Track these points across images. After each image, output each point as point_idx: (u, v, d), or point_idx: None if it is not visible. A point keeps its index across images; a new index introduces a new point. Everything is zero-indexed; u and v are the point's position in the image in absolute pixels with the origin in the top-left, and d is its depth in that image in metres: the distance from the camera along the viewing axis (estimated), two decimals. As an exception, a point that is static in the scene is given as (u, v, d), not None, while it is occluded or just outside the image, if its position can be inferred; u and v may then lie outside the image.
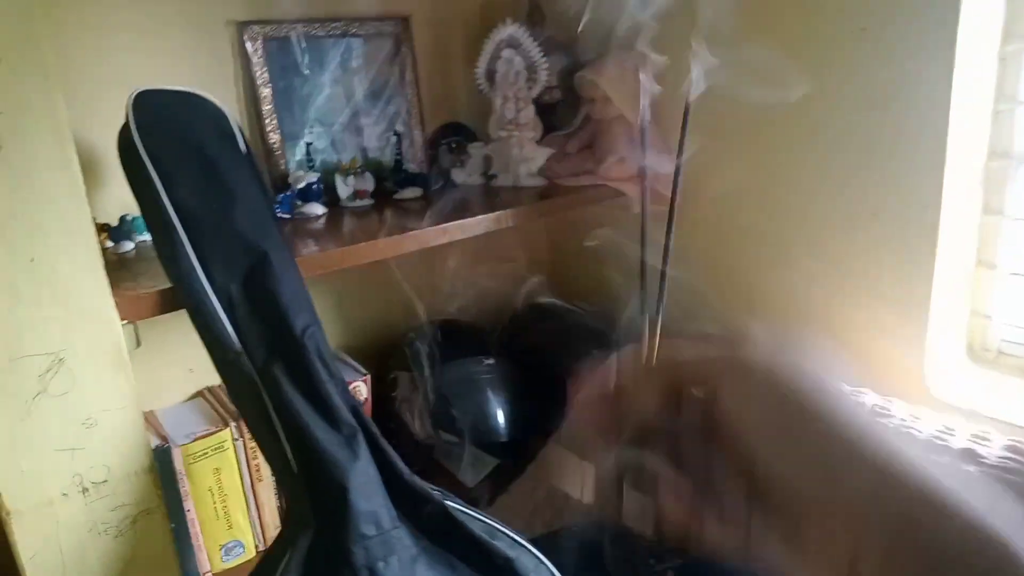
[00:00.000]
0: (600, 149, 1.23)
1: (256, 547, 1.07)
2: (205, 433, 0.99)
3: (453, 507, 0.77)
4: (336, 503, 0.70)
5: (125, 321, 0.75)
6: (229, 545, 1.05)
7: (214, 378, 1.12)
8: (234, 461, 1.02)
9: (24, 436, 0.72)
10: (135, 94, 0.81)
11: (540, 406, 1.24)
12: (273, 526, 1.08)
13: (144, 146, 0.78)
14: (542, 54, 1.18)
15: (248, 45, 1.07)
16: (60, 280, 0.71)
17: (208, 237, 0.78)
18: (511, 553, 0.76)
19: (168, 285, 0.77)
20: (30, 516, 0.74)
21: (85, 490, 0.77)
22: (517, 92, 1.20)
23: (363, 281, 1.31)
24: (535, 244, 1.56)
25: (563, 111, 1.29)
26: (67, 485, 0.76)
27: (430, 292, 1.41)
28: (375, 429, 0.77)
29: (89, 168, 0.98)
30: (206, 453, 0.99)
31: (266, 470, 1.05)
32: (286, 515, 0.76)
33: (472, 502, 0.82)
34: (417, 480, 0.78)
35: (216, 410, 1.06)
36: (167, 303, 0.77)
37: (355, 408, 0.78)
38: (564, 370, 1.25)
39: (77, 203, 0.71)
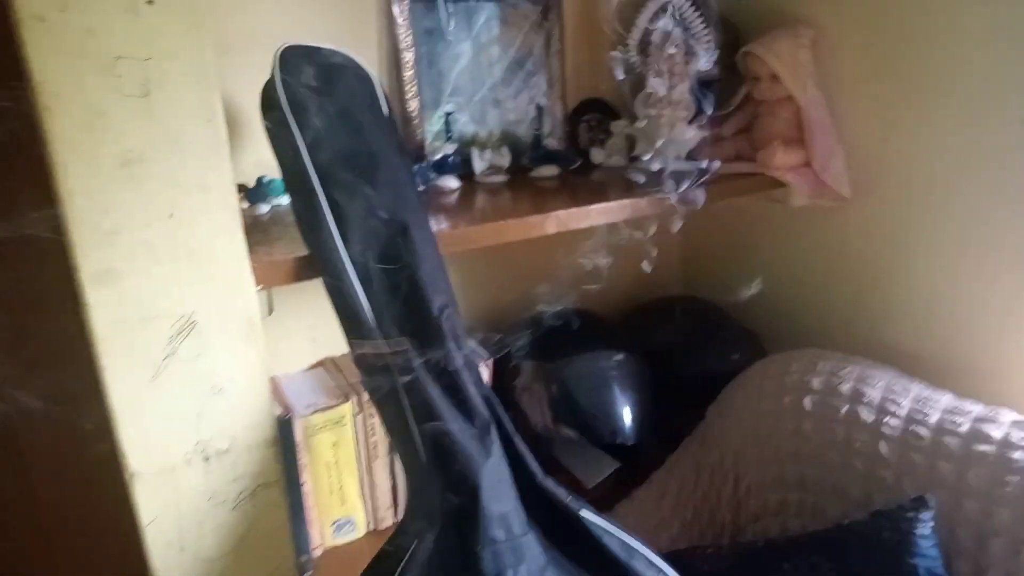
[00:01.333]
0: (760, 134, 1.11)
1: (367, 525, 1.03)
2: (326, 406, 0.96)
3: (588, 518, 0.69)
4: (466, 502, 0.64)
5: (260, 287, 0.72)
6: (341, 522, 1.02)
7: (337, 348, 1.09)
8: (352, 437, 0.99)
9: (151, 399, 0.69)
10: (282, 49, 0.77)
11: (670, 409, 1.14)
12: (385, 507, 1.04)
13: (289, 104, 0.74)
14: (704, 26, 1.07)
15: (395, 6, 1.01)
16: (197, 239, 0.68)
17: (348, 203, 0.73)
18: (640, 570, 0.67)
19: (304, 252, 0.73)
20: (152, 480, 0.72)
21: (207, 458, 0.74)
22: (672, 67, 1.09)
23: (489, 260, 1.25)
24: (668, 235, 1.45)
25: (720, 90, 1.17)
26: (190, 452, 0.73)
27: (557, 277, 1.34)
28: (509, 424, 0.71)
29: (229, 126, 0.96)
30: (325, 426, 0.96)
31: (382, 448, 1.01)
32: (409, 505, 0.70)
33: (594, 504, 0.75)
34: (550, 482, 0.70)
35: (337, 382, 1.03)
36: (303, 271, 0.73)
37: (488, 398, 0.72)
38: (699, 372, 1.17)
39: (220, 159, 0.68)
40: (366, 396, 0.97)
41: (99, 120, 0.62)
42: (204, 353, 0.71)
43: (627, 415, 1.06)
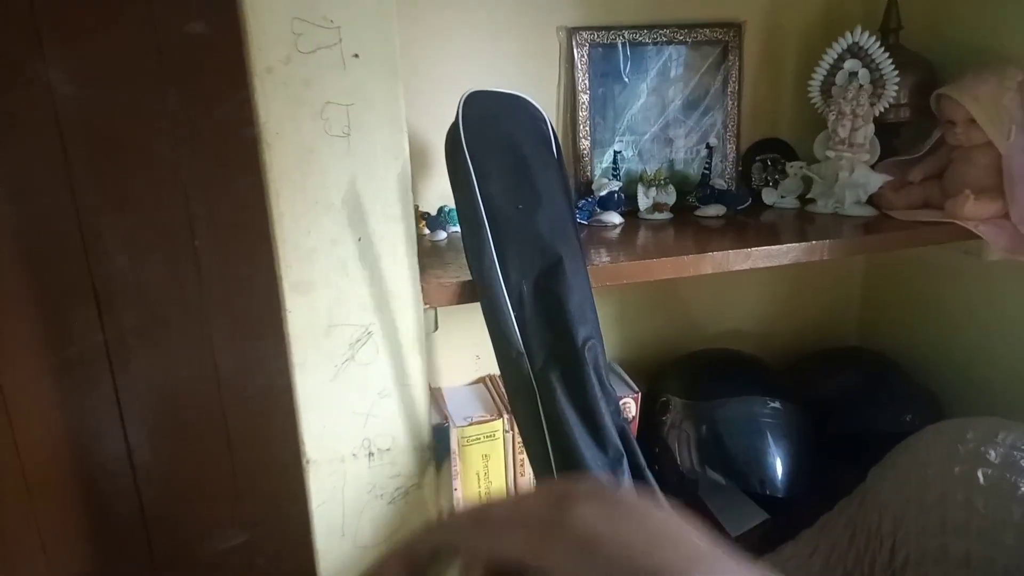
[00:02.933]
0: (952, 181, 1.03)
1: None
2: (481, 419, 1.03)
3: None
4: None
5: (427, 306, 0.80)
6: (485, 531, 1.08)
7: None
8: (502, 451, 1.05)
9: (330, 395, 0.80)
10: (467, 94, 0.85)
11: (827, 465, 1.09)
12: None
13: (467, 143, 0.82)
14: (893, 67, 1.02)
15: (576, 51, 1.08)
16: (379, 261, 0.77)
17: (510, 234, 0.79)
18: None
19: (468, 278, 0.80)
20: (324, 468, 0.82)
21: (371, 454, 0.83)
22: (856, 108, 1.05)
23: (648, 294, 1.27)
24: (847, 282, 1.38)
25: (909, 134, 1.11)
26: (357, 447, 0.83)
27: (717, 317, 1.33)
28: (641, 458, 0.73)
29: (419, 160, 1.07)
30: (479, 439, 1.03)
31: (529, 467, 1.06)
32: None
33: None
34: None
35: (494, 399, 1.10)
36: (466, 294, 0.81)
37: (623, 430, 0.74)
38: (866, 429, 1.10)
39: (403, 192, 0.77)
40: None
41: (308, 156, 0.73)
42: (376, 360, 0.80)
43: (779, 466, 1.03)
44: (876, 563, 0.91)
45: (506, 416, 1.04)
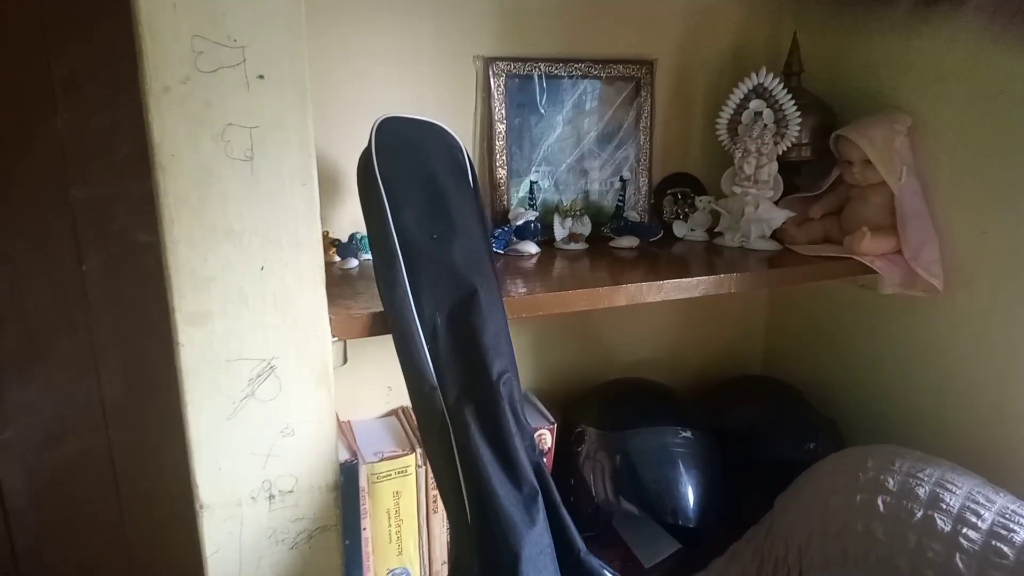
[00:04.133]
0: (850, 218, 1.08)
1: (421, 579, 1.05)
2: (392, 455, 0.99)
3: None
4: (506, 569, 0.65)
5: (335, 338, 0.76)
6: (397, 571, 1.04)
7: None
8: (414, 487, 1.01)
9: (227, 435, 0.75)
10: (380, 120, 0.83)
11: (738, 493, 1.11)
12: (440, 561, 1.05)
13: (380, 170, 0.79)
14: (795, 108, 1.07)
15: (492, 81, 1.07)
16: (283, 290, 0.73)
17: (424, 265, 0.77)
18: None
19: (379, 309, 0.77)
20: (220, 513, 0.76)
21: (271, 497, 0.78)
22: (761, 146, 1.09)
23: (563, 323, 1.27)
24: (752, 312, 1.43)
25: (809, 172, 1.16)
26: (256, 489, 0.78)
27: (630, 346, 1.34)
28: (556, 494, 0.71)
29: (330, 185, 1.03)
30: (390, 475, 0.99)
31: (442, 503, 1.03)
32: (453, 564, 0.71)
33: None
34: (593, 561, 0.70)
35: (406, 432, 1.07)
36: (377, 326, 0.78)
37: (539, 466, 0.73)
38: (772, 457, 1.13)
39: (311, 219, 0.73)
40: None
41: (207, 179, 0.69)
42: (279, 396, 0.76)
43: (691, 496, 1.04)
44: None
45: (419, 451, 1.00)
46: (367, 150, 0.83)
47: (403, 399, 1.16)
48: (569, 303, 0.87)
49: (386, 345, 0.78)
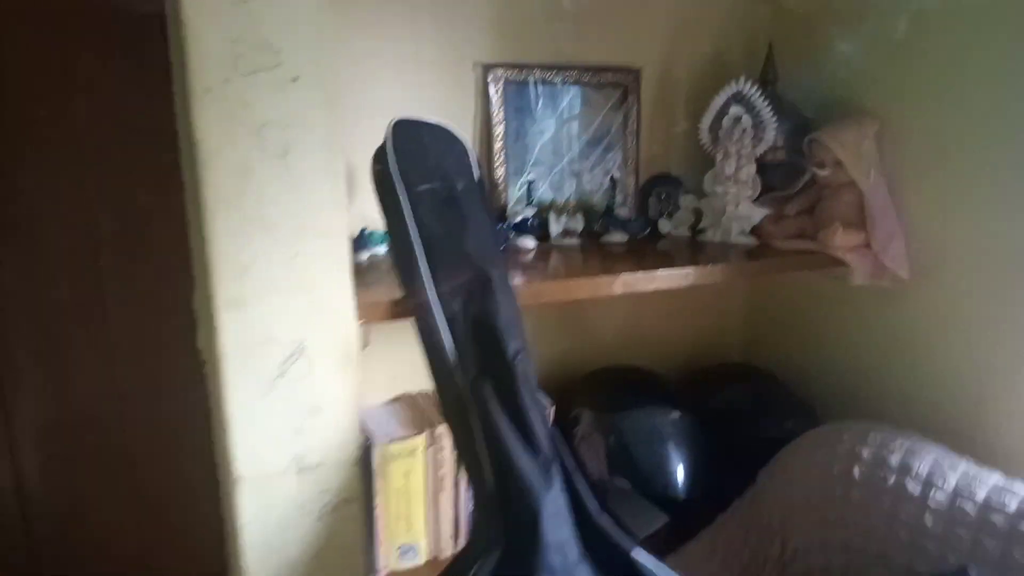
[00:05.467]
0: (822, 215, 1.17)
1: (429, 553, 1.11)
2: (403, 437, 1.05)
3: (639, 558, 0.75)
4: (527, 528, 0.72)
5: (361, 322, 0.83)
6: (405, 547, 1.09)
7: (414, 386, 1.19)
8: (422, 468, 1.07)
9: (261, 413, 0.80)
10: (395, 122, 0.89)
11: (721, 471, 1.19)
12: (447, 536, 1.11)
13: (398, 167, 0.86)
14: (772, 113, 1.15)
15: (491, 86, 1.14)
16: (313, 277, 0.79)
17: (441, 255, 0.83)
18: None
19: (396, 296, 0.84)
20: (253, 485, 0.82)
21: (301, 471, 0.84)
22: (740, 149, 1.18)
23: (558, 314, 1.34)
24: (730, 305, 1.51)
25: (784, 173, 1.25)
26: (287, 464, 0.83)
27: (618, 338, 1.42)
28: (570, 461, 0.78)
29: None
30: (400, 455, 1.05)
31: (449, 482, 1.09)
32: (475, 528, 0.78)
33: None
34: (605, 520, 0.77)
35: (412, 417, 1.12)
36: (397, 311, 0.84)
37: (552, 436, 0.80)
38: (753, 437, 1.21)
39: (338, 210, 0.80)
40: (437, 431, 1.06)
41: (245, 175, 0.75)
42: (309, 376, 0.82)
43: (680, 470, 1.12)
44: (768, 557, 1.00)
45: (427, 433, 1.06)
46: (381, 148, 0.89)
47: (408, 386, 1.22)
48: (571, 291, 0.95)
49: (393, 332, 0.84)
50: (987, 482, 0.87)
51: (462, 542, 1.11)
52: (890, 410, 1.20)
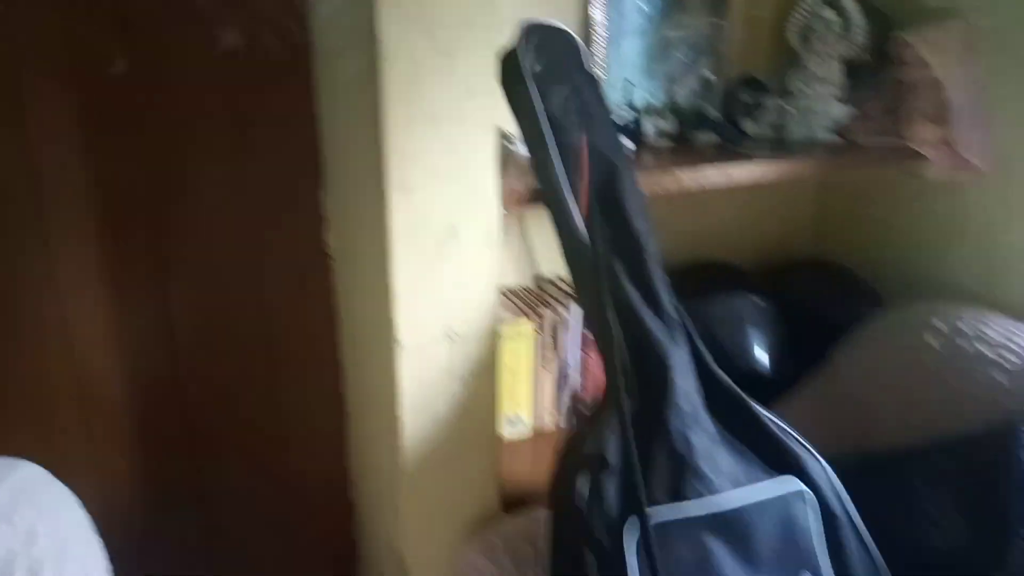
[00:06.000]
0: (905, 112, 1.24)
1: (533, 425, 1.24)
2: (516, 320, 1.17)
3: (753, 406, 0.87)
4: (658, 376, 0.83)
5: (505, 210, 0.93)
6: (513, 418, 1.23)
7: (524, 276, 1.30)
8: (531, 350, 1.20)
9: (422, 286, 0.92)
10: (525, 24, 0.96)
11: (797, 353, 1.30)
12: (547, 413, 1.25)
13: (528, 66, 0.93)
14: (859, 13, 1.21)
15: (593, -6, 1.20)
16: (467, 167, 0.89)
17: (571, 146, 0.92)
18: (800, 454, 0.85)
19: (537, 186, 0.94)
20: (412, 352, 0.95)
21: (450, 339, 0.96)
22: (826, 49, 1.24)
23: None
24: (802, 201, 1.59)
25: (868, 72, 1.31)
26: (439, 333, 0.96)
27: (698, 234, 1.51)
28: (692, 327, 0.89)
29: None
30: (514, 337, 1.17)
31: (552, 366, 1.21)
32: (606, 387, 0.90)
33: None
34: (723, 376, 0.89)
35: (519, 306, 1.24)
36: (534, 200, 0.94)
37: (677, 306, 0.90)
38: (824, 323, 1.31)
39: (491, 106, 0.89)
40: (545, 320, 1.18)
41: (418, 72, 0.84)
42: (459, 255, 0.93)
43: (760, 350, 1.24)
44: (846, 420, 1.12)
45: (536, 321, 1.18)
46: (513, 51, 0.97)
47: (506, 282, 1.32)
48: (672, 183, 1.05)
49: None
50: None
51: (560, 419, 1.24)
52: (956, 297, 1.30)
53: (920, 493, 0.90)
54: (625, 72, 1.27)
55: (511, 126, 1.04)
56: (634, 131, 1.23)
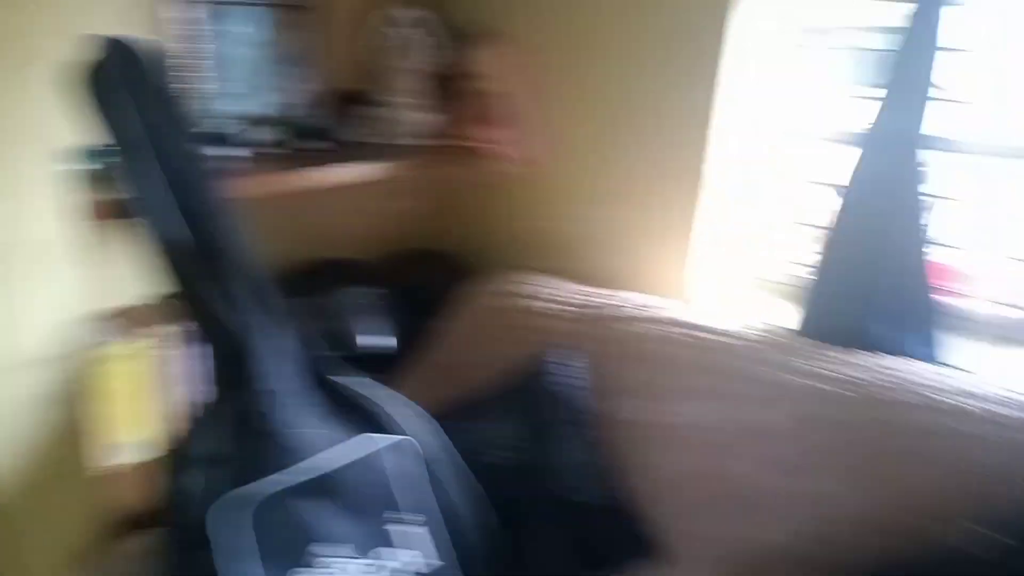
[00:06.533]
0: (471, 118, 1.49)
1: (153, 445, 1.21)
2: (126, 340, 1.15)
3: (351, 381, 1.00)
4: (244, 367, 0.92)
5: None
6: (125, 441, 1.16)
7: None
8: (144, 370, 1.18)
9: None
10: (107, 39, 0.94)
11: (417, 329, 1.47)
12: (168, 431, 1.24)
13: (110, 79, 0.92)
14: (429, 36, 1.42)
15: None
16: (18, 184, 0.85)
17: (163, 158, 0.94)
18: (398, 412, 1.00)
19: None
20: None
21: (34, 365, 0.92)
22: (414, 64, 1.44)
23: (270, 216, 1.47)
24: (418, 200, 1.77)
25: (450, 84, 1.53)
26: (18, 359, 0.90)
27: (331, 233, 1.60)
28: (300, 318, 1.00)
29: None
30: (121, 358, 1.14)
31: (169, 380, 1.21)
32: (208, 386, 0.95)
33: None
34: (330, 358, 1.01)
35: (129, 324, 1.21)
36: (124, 213, 0.95)
37: (275, 299, 0.98)
38: (439, 302, 1.51)
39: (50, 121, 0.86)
40: (160, 336, 1.19)
41: None
42: (23, 276, 0.88)
43: (384, 332, 1.40)
44: (448, 384, 1.31)
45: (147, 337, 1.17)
46: (98, 64, 0.93)
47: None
48: (277, 184, 1.16)
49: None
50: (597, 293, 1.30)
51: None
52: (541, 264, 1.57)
53: (493, 423, 1.15)
54: (233, 86, 1.33)
55: (91, 139, 1.04)
56: (240, 141, 1.29)
